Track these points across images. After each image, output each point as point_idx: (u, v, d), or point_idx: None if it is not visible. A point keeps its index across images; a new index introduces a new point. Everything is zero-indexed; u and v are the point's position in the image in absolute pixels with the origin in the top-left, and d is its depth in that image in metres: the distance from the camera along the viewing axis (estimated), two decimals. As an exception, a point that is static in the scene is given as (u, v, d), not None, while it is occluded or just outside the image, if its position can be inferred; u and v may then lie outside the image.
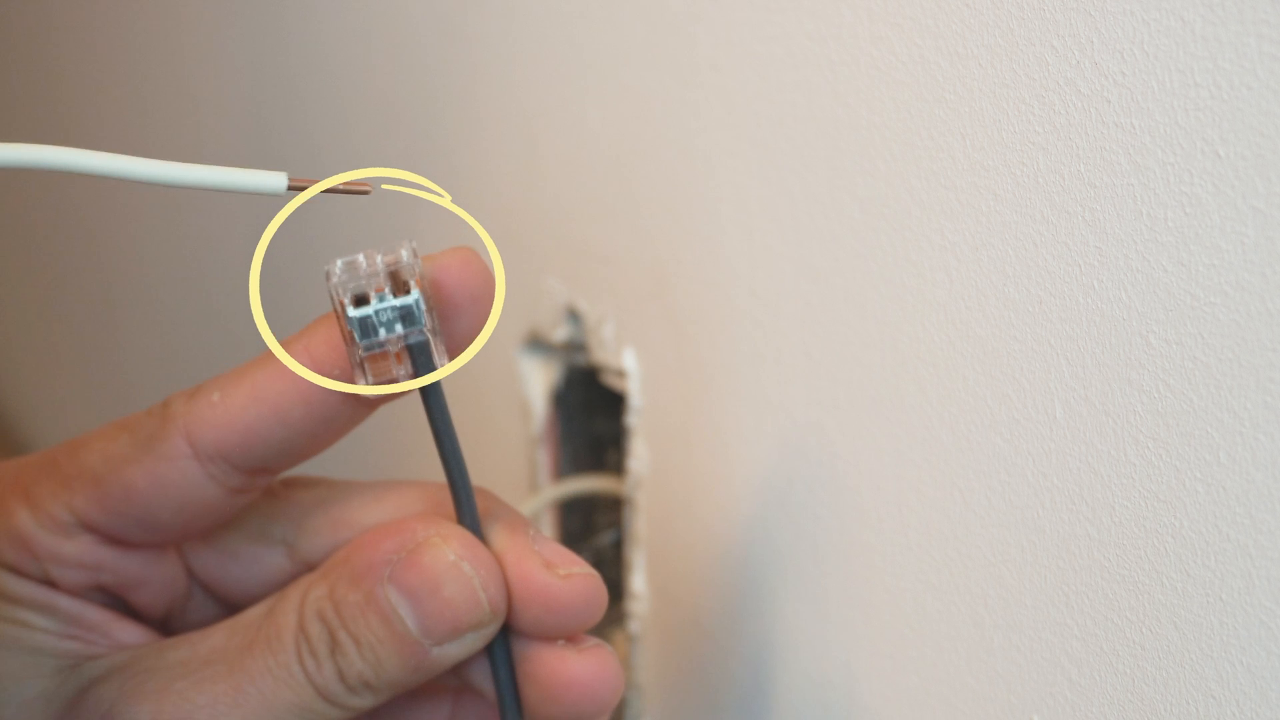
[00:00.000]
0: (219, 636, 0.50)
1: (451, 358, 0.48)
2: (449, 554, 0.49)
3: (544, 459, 0.79)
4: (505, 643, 0.50)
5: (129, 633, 0.52)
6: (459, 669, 0.51)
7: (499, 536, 0.50)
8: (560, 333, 0.74)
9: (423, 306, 0.47)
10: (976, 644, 0.52)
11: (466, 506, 0.50)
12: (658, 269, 0.67)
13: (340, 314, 0.47)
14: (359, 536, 0.50)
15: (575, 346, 0.75)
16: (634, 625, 0.73)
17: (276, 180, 0.45)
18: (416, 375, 0.47)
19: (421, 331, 0.47)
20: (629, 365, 0.70)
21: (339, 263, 0.47)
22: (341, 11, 0.92)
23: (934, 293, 0.52)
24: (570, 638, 0.50)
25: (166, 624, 0.53)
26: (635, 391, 0.70)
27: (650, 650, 0.72)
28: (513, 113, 0.76)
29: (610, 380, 0.72)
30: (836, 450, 0.58)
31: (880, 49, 0.52)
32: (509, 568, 0.49)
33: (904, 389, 0.54)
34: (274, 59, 1.04)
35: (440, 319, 0.48)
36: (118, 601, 0.52)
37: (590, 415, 0.79)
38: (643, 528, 0.71)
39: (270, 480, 0.51)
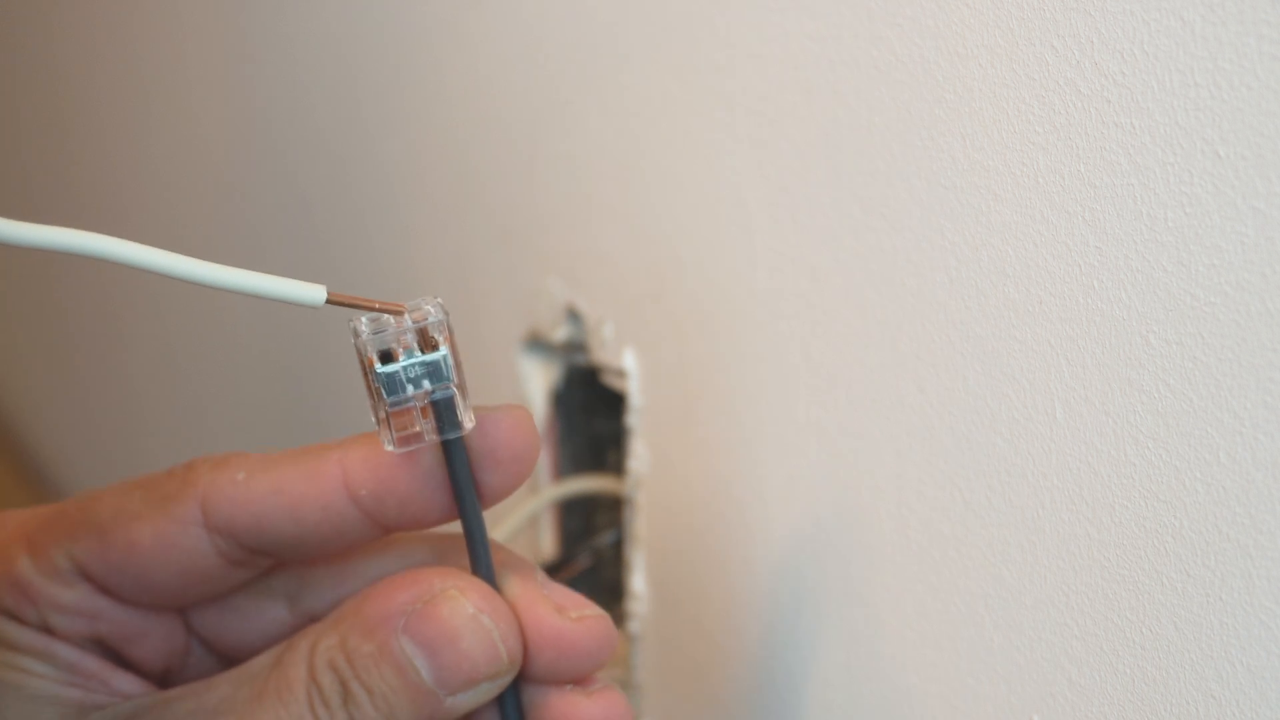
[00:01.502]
0: (225, 688, 0.49)
1: (487, 506, 0.49)
2: (468, 607, 0.48)
3: (544, 459, 0.79)
4: (515, 689, 0.50)
5: (128, 683, 0.51)
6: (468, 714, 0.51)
7: (511, 585, 0.50)
8: (560, 333, 0.74)
9: (450, 362, 0.47)
10: (976, 644, 0.52)
11: (483, 558, 0.49)
12: (658, 269, 0.67)
13: (367, 370, 0.46)
14: (370, 587, 0.50)
15: (575, 346, 0.75)
16: (634, 625, 0.73)
17: (315, 293, 0.45)
18: (441, 431, 0.47)
19: (448, 387, 0.47)
20: (629, 365, 0.70)
21: (364, 319, 0.46)
22: (341, 8, 0.92)
23: (934, 293, 0.52)
24: (579, 681, 0.50)
25: (166, 678, 0.53)
26: (635, 391, 0.70)
27: (650, 650, 0.72)
28: (514, 113, 0.76)
29: (610, 380, 0.72)
30: (836, 450, 0.58)
31: (880, 49, 0.52)
32: (522, 614, 0.49)
33: (904, 389, 0.54)
34: (273, 51, 1.04)
35: (477, 468, 0.48)
36: (115, 655, 0.52)
37: (590, 415, 0.79)
38: (643, 528, 0.71)
39: (269, 563, 0.51)
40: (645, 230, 0.67)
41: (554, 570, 0.77)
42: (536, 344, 0.77)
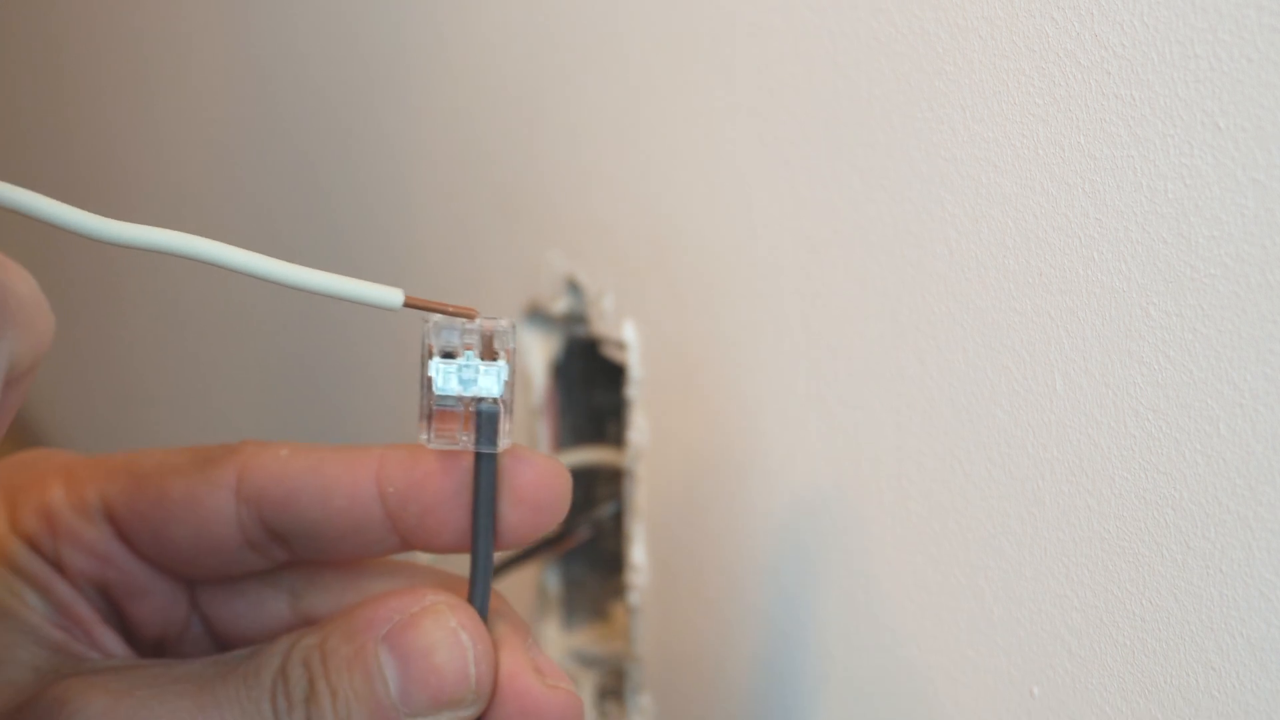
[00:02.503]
0: (198, 665, 0.49)
1: (499, 548, 0.49)
2: (451, 621, 0.48)
3: (544, 431, 0.79)
4: None
5: (113, 642, 0.51)
6: None
7: (500, 630, 0.49)
8: (560, 305, 0.74)
9: (504, 377, 0.47)
10: (976, 616, 0.52)
11: (480, 587, 0.49)
12: (658, 241, 0.67)
13: (425, 359, 0.47)
14: (367, 598, 0.50)
15: (575, 318, 0.75)
16: (634, 597, 0.73)
17: (394, 296, 0.46)
18: (479, 443, 0.48)
19: (496, 401, 0.47)
20: (629, 337, 0.70)
21: (440, 317, 0.47)
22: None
23: (934, 264, 0.52)
24: None
25: (158, 650, 0.53)
26: (635, 363, 0.70)
27: (650, 622, 0.73)
28: (514, 85, 0.76)
29: (610, 352, 0.72)
30: (836, 422, 0.58)
31: (880, 20, 0.52)
32: (501, 661, 0.48)
33: (904, 361, 0.54)
34: (274, 23, 1.04)
35: (501, 501, 0.48)
36: (113, 612, 0.52)
37: (590, 387, 0.79)
38: (643, 499, 0.71)
39: (282, 556, 0.51)
40: (645, 202, 0.67)
41: (554, 542, 0.77)
42: (536, 316, 0.77)
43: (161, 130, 1.28)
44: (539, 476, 0.48)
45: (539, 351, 0.78)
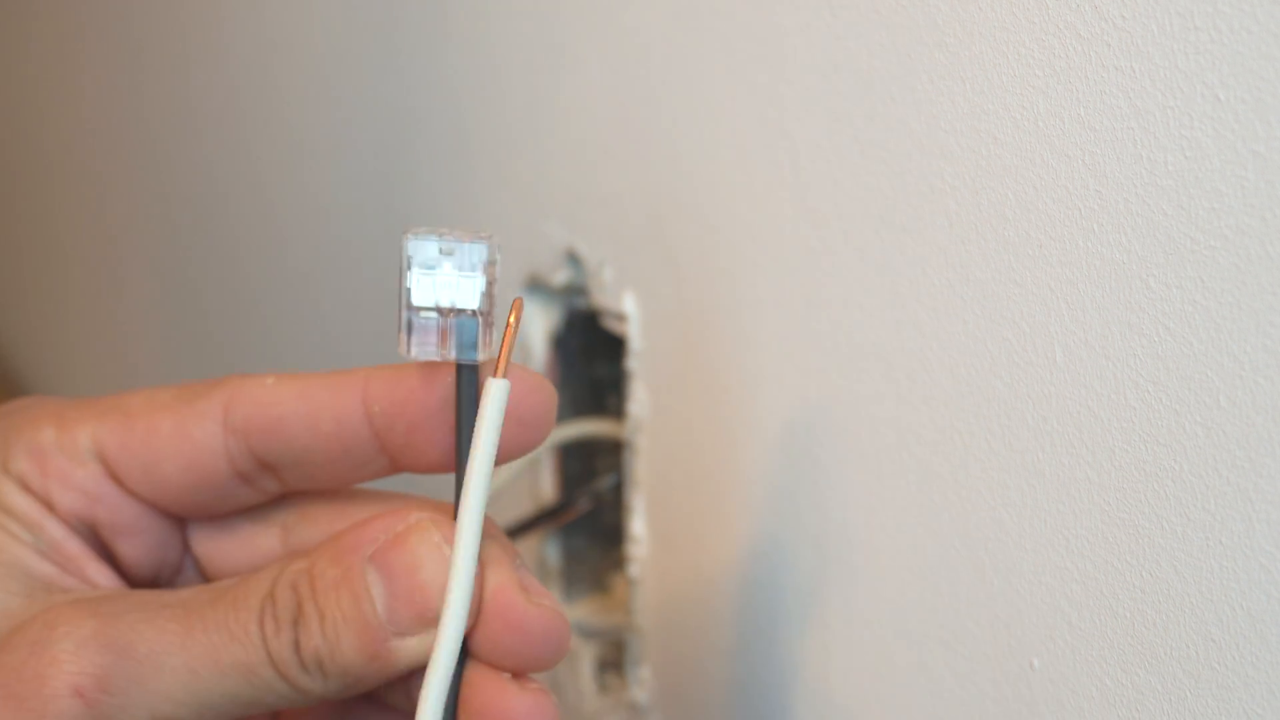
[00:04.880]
0: (188, 592, 0.50)
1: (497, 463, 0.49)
2: (435, 536, 0.48)
3: (544, 403, 0.79)
4: (457, 660, 0.48)
5: (103, 575, 0.52)
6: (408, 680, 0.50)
7: (486, 548, 0.49)
8: (560, 276, 0.74)
9: (482, 289, 0.47)
10: (976, 588, 0.52)
11: None
12: (658, 213, 0.67)
13: (404, 270, 0.47)
14: (354, 523, 0.50)
15: (575, 290, 0.75)
16: (634, 569, 0.73)
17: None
18: (460, 355, 0.48)
19: (474, 314, 0.47)
20: (629, 309, 0.70)
21: (421, 228, 0.47)
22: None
23: (934, 236, 0.52)
24: (518, 674, 0.49)
25: (153, 587, 0.53)
26: (635, 335, 0.70)
27: (650, 594, 0.73)
28: (514, 58, 0.76)
29: (610, 324, 0.72)
30: (835, 393, 0.58)
31: (880, -8, 0.52)
32: (488, 579, 0.48)
33: (904, 332, 0.54)
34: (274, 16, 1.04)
35: None
36: (105, 551, 0.52)
37: (590, 359, 0.79)
38: (643, 471, 0.71)
39: (273, 488, 0.52)
40: (645, 174, 0.67)
41: (554, 514, 0.77)
42: (536, 287, 0.77)
43: (157, 107, 1.28)
44: (523, 391, 0.48)
45: (539, 323, 0.78)
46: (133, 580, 0.53)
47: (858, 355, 0.56)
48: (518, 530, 0.77)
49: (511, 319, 0.48)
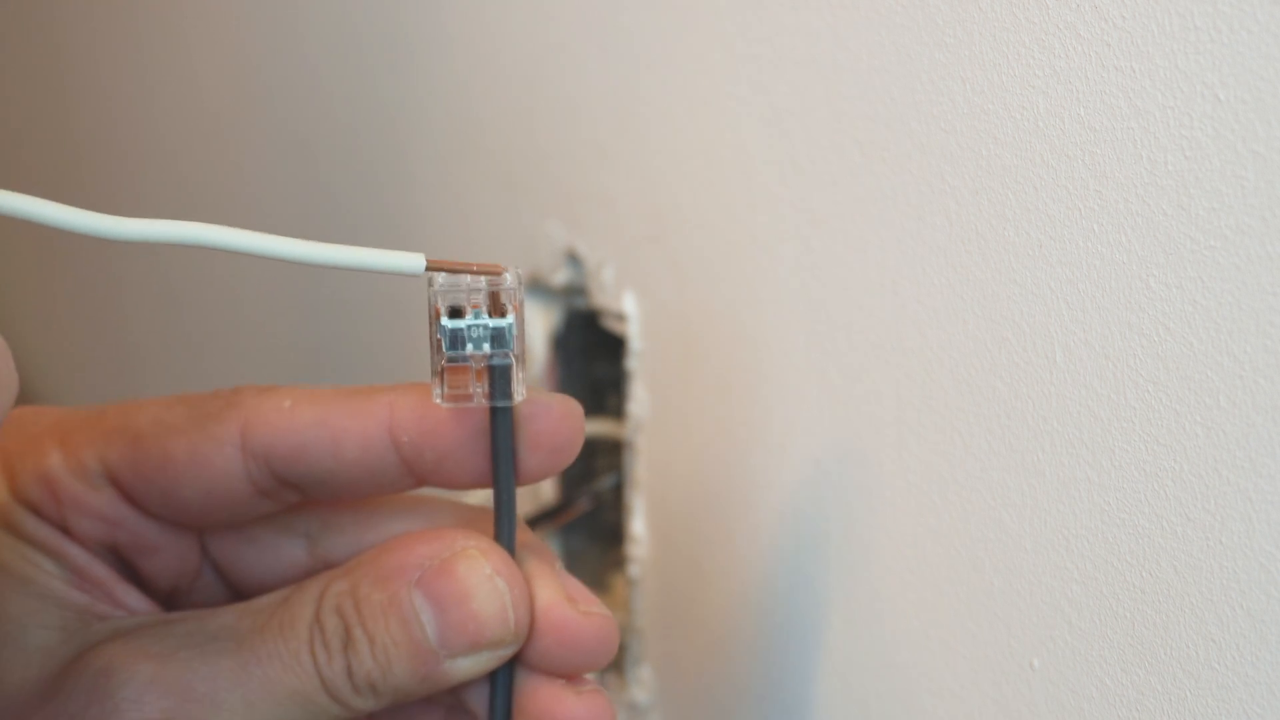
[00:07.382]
0: (229, 616, 0.50)
1: (518, 484, 0.50)
2: (485, 567, 0.48)
3: (544, 403, 0.79)
4: (509, 670, 0.50)
5: (134, 598, 0.52)
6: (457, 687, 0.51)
7: (529, 563, 0.50)
8: (560, 276, 0.74)
9: (514, 332, 0.48)
10: (976, 588, 0.52)
11: (507, 529, 0.50)
12: (658, 213, 0.67)
13: (433, 320, 0.47)
14: (391, 539, 0.50)
15: (575, 290, 0.75)
16: (634, 569, 0.73)
17: (415, 262, 0.46)
18: (493, 397, 0.48)
19: (508, 355, 0.48)
20: (629, 309, 0.70)
21: (442, 273, 0.48)
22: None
23: (934, 236, 0.52)
24: (571, 677, 0.50)
25: (171, 599, 0.53)
26: (635, 335, 0.70)
27: (650, 593, 0.73)
28: (513, 57, 0.76)
29: (610, 324, 0.72)
30: (836, 394, 0.58)
31: (880, -8, 0.52)
32: (535, 594, 0.49)
33: (904, 333, 0.54)
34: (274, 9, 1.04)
35: (518, 445, 0.49)
36: (126, 568, 0.52)
37: (590, 359, 0.79)
38: (642, 471, 0.71)
39: (294, 499, 0.51)
40: (645, 174, 0.67)
41: (554, 514, 0.77)
42: (536, 287, 0.77)
43: (156, 103, 1.28)
44: (555, 422, 0.49)
45: (539, 323, 0.78)
46: (153, 591, 0.53)
47: (858, 355, 0.56)
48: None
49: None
